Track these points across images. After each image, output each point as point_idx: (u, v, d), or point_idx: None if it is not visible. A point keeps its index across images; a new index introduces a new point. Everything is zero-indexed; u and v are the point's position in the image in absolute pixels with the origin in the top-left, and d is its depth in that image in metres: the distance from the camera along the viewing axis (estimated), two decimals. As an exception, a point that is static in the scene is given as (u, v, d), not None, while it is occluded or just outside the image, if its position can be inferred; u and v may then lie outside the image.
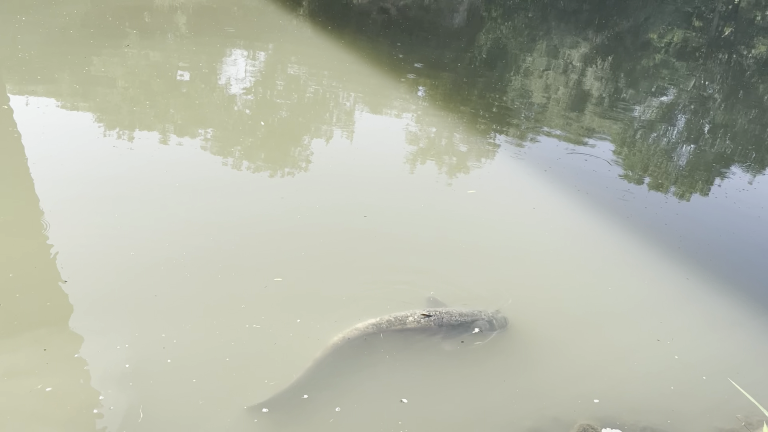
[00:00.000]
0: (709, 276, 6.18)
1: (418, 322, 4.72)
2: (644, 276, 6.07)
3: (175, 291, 4.78)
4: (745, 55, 18.36)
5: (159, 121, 7.58)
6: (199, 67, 9.59)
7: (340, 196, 6.30)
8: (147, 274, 4.90)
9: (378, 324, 4.63)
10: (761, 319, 5.58)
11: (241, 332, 4.46)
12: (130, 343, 4.25)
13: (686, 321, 5.53)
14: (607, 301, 5.57)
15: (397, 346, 4.58)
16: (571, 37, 15.97)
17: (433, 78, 10.45)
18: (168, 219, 5.60)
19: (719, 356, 5.09)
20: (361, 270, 5.29)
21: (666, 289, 5.95)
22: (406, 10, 15.45)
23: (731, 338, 5.34)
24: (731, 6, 23.28)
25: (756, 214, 7.39)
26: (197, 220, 5.63)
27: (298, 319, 4.63)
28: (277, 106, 8.75)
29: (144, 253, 5.11)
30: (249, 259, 5.21)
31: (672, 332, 5.30)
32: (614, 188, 7.38)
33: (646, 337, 5.26)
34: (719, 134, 10.18)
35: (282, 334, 4.49)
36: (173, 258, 5.09)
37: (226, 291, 4.84)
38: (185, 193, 6.04)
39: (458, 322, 4.83)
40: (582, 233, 6.47)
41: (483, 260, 5.70)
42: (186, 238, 5.38)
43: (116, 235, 5.28)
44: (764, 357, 5.13)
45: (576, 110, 10.16)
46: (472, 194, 6.73)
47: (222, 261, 5.15)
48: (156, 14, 12.39)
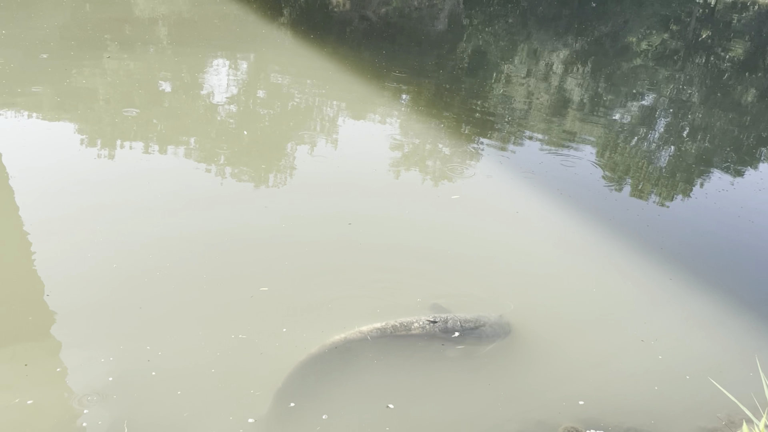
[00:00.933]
0: (692, 276, 6.24)
1: (423, 328, 4.72)
2: (628, 277, 6.12)
3: (160, 302, 4.75)
4: (723, 57, 18.65)
5: (141, 131, 7.54)
6: (181, 78, 9.57)
7: (325, 205, 6.30)
8: (131, 286, 4.86)
9: (383, 329, 4.64)
10: (742, 318, 5.65)
11: (226, 343, 4.43)
12: (114, 356, 4.20)
13: (670, 321, 5.58)
14: (591, 303, 5.61)
15: (392, 351, 4.58)
16: (551, 42, 16.14)
17: (416, 85, 10.50)
18: (151, 230, 5.56)
19: (702, 356, 5.15)
20: (347, 278, 5.29)
21: (650, 289, 6.00)
22: (387, 18, 15.53)
23: (713, 337, 5.40)
24: (707, 9, 23.64)
25: (736, 214, 7.48)
26: (181, 231, 5.60)
27: (284, 329, 4.62)
28: (260, 116, 8.75)
29: (128, 265, 5.07)
30: (234, 269, 5.19)
31: (656, 333, 5.35)
32: (596, 191, 7.45)
33: (631, 338, 5.30)
34: (699, 136, 10.32)
35: (268, 344, 4.47)
36: (157, 269, 5.05)
37: (212, 301, 4.81)
38: (168, 204, 6.01)
39: (463, 329, 4.84)
40: (565, 236, 6.52)
41: (466, 266, 5.72)
42: (170, 248, 5.35)
43: (99, 247, 5.24)
44: (746, 355, 5.19)
45: (557, 114, 10.25)
46: (456, 200, 6.76)
47: (207, 271, 5.12)
48: (136, 26, 12.35)
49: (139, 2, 13.54)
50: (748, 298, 5.94)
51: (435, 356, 4.66)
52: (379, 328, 4.66)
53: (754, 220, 7.37)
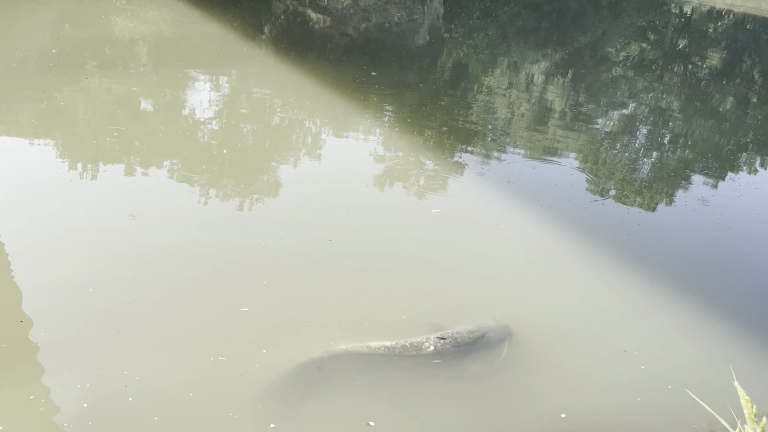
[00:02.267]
0: (673, 284, 6.26)
1: (435, 347, 4.69)
2: (610, 287, 6.14)
3: (138, 326, 4.68)
4: (700, 66, 18.89)
5: (119, 152, 7.47)
6: (161, 97, 9.52)
7: (305, 222, 6.26)
8: (108, 310, 4.79)
9: (391, 347, 4.60)
10: (722, 325, 5.66)
11: (205, 366, 4.37)
12: (90, 382, 4.13)
13: (652, 330, 5.59)
14: (573, 315, 5.61)
15: (378, 367, 4.57)
16: (531, 54, 16.27)
17: (397, 98, 10.52)
18: (128, 252, 5.50)
19: (684, 365, 5.15)
20: (328, 296, 5.25)
21: (632, 299, 6.01)
22: (368, 33, 15.60)
23: (695, 346, 5.41)
24: (684, 19, 23.99)
25: (715, 221, 7.54)
26: (159, 252, 5.54)
27: (264, 350, 4.57)
28: (241, 134, 8.71)
29: (105, 288, 5.01)
30: (214, 290, 5.14)
31: (638, 342, 5.35)
32: (576, 201, 7.48)
33: (613, 348, 5.29)
34: (678, 144, 10.41)
35: (248, 365, 4.41)
36: (135, 292, 4.99)
37: (191, 324, 4.75)
38: (146, 224, 5.95)
39: (472, 339, 4.84)
40: (545, 247, 6.53)
41: (447, 280, 5.70)
42: (148, 270, 5.29)
43: (75, 271, 5.18)
44: (726, 363, 5.19)
45: (538, 125, 10.31)
46: (436, 213, 6.75)
47: (186, 293, 5.06)
48: (116, 46, 12.30)
49: (119, 22, 13.51)
50: (727, 305, 5.97)
51: (476, 373, 4.69)
52: (388, 346, 4.61)
53: (733, 227, 7.43)
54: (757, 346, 5.45)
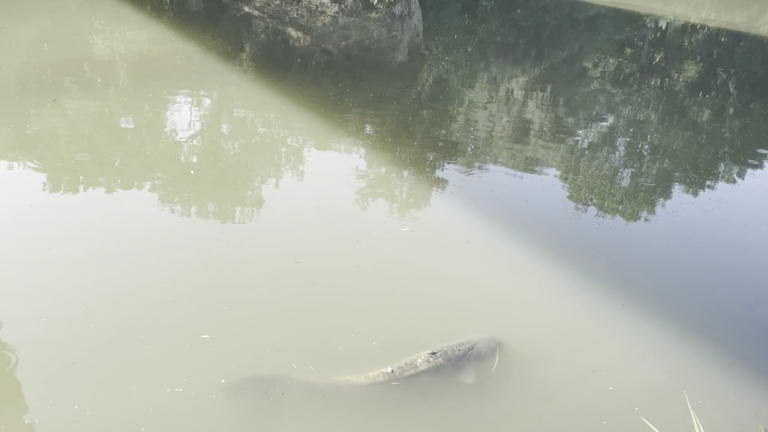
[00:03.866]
0: (643, 301, 6.14)
1: (428, 362, 4.64)
2: (579, 305, 5.99)
3: (93, 356, 4.48)
4: (676, 79, 18.94)
5: (80, 174, 7.27)
6: (136, 117, 9.33)
7: (272, 243, 6.07)
8: (61, 339, 4.59)
9: (390, 372, 4.54)
10: (692, 343, 5.53)
11: (160, 398, 4.18)
12: (39, 418, 3.93)
13: (621, 349, 5.45)
14: (542, 334, 5.46)
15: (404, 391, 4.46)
16: (509, 69, 16.22)
17: (376, 116, 10.38)
18: (83, 278, 5.28)
19: (652, 385, 5.00)
20: (293, 322, 5.06)
21: (602, 317, 5.88)
22: (348, 51, 15.49)
23: (663, 365, 5.27)
24: (659, 34, 24.10)
25: (684, 236, 7.43)
26: (117, 278, 5.32)
27: (222, 380, 4.37)
28: (214, 155, 8.53)
29: (57, 316, 4.80)
30: (175, 317, 4.94)
31: (607, 362, 5.21)
32: (547, 217, 7.34)
33: (581, 369, 5.15)
34: (651, 159, 10.34)
35: (205, 396, 4.22)
36: (91, 320, 4.79)
37: (149, 353, 4.56)
38: (104, 248, 5.71)
39: (462, 352, 4.78)
40: (515, 265, 6.38)
41: (414, 301, 5.54)
42: (104, 297, 5.08)
43: (28, 300, 4.96)
44: (695, 383, 5.06)
45: (515, 140, 10.20)
46: (406, 232, 6.59)
47: (145, 320, 4.87)
48: (96, 66, 12.10)
49: (98, 42, 13.33)
50: (696, 322, 5.84)
51: (472, 384, 4.66)
52: (386, 372, 4.55)
53: (702, 241, 7.32)
54: (727, 364, 5.31)
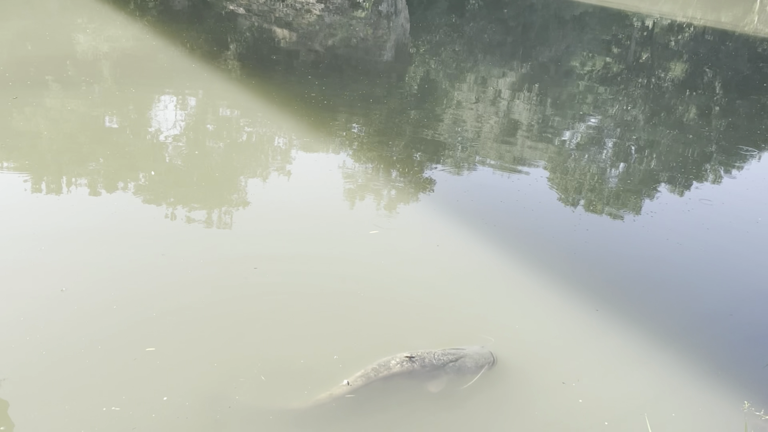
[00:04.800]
0: (618, 306, 5.79)
1: (402, 365, 4.41)
2: (552, 311, 5.64)
3: (26, 372, 4.10)
4: (663, 78, 18.57)
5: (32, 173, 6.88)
6: (114, 117, 8.93)
7: (231, 248, 5.67)
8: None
9: (365, 374, 4.32)
10: (666, 352, 5.18)
11: (95, 418, 3.81)
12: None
13: (593, 359, 5.09)
14: (513, 342, 5.09)
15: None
16: (497, 68, 15.83)
17: (360, 116, 9.99)
18: (20, 285, 4.88)
19: (622, 397, 4.65)
20: (246, 333, 4.69)
21: (575, 323, 5.52)
22: (334, 49, 15.08)
23: (636, 375, 4.92)
24: (646, 33, 23.72)
25: (664, 236, 7.07)
26: (56, 284, 4.88)
27: (165, 397, 4.00)
28: (191, 155, 8.13)
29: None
30: (119, 327, 4.56)
31: (578, 373, 4.86)
32: (522, 218, 6.97)
33: (551, 380, 4.79)
34: (633, 159, 9.97)
35: (143, 416, 3.86)
36: (27, 334, 4.39)
37: (87, 367, 4.18)
38: (44, 255, 5.31)
39: (442, 362, 4.52)
40: (486, 268, 6.01)
41: (378, 307, 5.17)
42: (41, 309, 4.66)
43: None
44: (668, 394, 4.71)
45: (496, 140, 9.83)
46: (375, 234, 6.21)
47: (87, 331, 4.48)
48: (79, 64, 11.69)
49: (81, 41, 12.91)
50: (671, 329, 5.49)
51: (436, 394, 4.37)
52: (360, 375, 4.33)
53: (682, 242, 6.96)
54: (703, 374, 4.96)
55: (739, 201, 8.36)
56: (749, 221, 7.73)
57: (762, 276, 6.59)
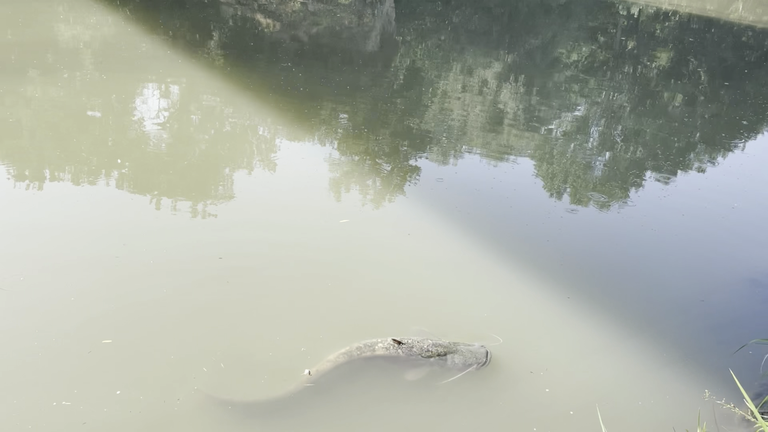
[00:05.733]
0: (590, 293, 5.65)
1: (387, 349, 4.36)
2: (524, 299, 5.49)
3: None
4: (649, 66, 18.38)
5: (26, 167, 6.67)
6: (96, 106, 8.69)
7: (196, 239, 5.48)
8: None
9: (348, 352, 4.28)
10: (635, 339, 5.05)
11: (44, 413, 3.65)
12: None
13: (562, 347, 4.95)
14: (479, 330, 4.94)
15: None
16: (483, 57, 15.61)
17: (342, 106, 9.77)
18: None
19: (589, 386, 4.52)
20: (209, 325, 4.51)
21: (546, 311, 5.38)
22: (318, 38, 14.82)
23: (604, 363, 4.79)
24: (632, 21, 23.49)
25: (639, 223, 6.93)
26: (10, 277, 4.72)
27: (118, 391, 3.84)
28: (166, 145, 7.91)
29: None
30: (76, 319, 4.38)
31: (546, 362, 4.72)
32: (495, 206, 6.81)
33: (519, 369, 4.65)
34: (610, 147, 9.81)
35: (94, 410, 3.69)
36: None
37: (40, 361, 4.01)
38: (4, 249, 5.12)
39: (429, 354, 4.41)
40: (457, 257, 5.86)
41: (345, 296, 5.01)
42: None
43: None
44: (634, 382, 4.58)
45: (476, 130, 9.65)
46: (345, 223, 6.04)
47: (42, 323, 4.31)
48: (60, 52, 11.41)
49: (62, 29, 12.61)
50: (642, 316, 5.36)
51: (410, 382, 4.26)
52: (344, 352, 4.28)
53: (657, 228, 6.83)
54: (671, 361, 4.83)
55: (717, 187, 8.22)
56: (725, 207, 7.60)
57: (735, 261, 6.46)
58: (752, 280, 5.99)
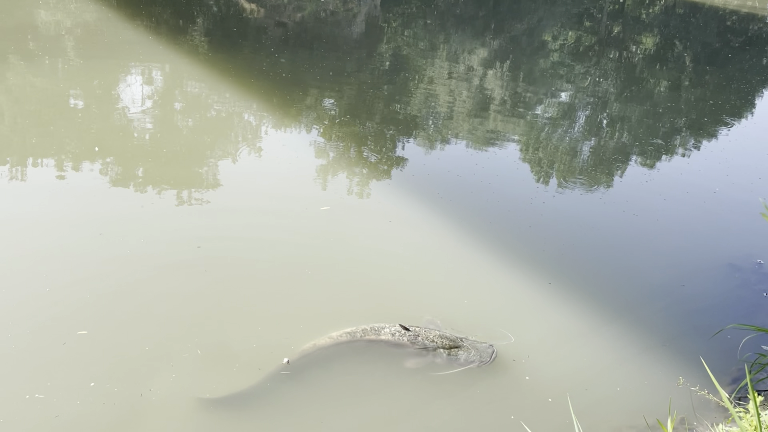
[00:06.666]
0: (571, 278, 5.63)
1: (393, 334, 4.36)
2: (506, 284, 5.46)
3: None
4: (634, 51, 18.31)
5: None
6: (80, 94, 8.50)
7: (175, 228, 5.38)
8: None
9: (353, 333, 4.32)
10: (616, 324, 5.04)
11: (17, 405, 3.57)
12: None
13: (543, 333, 4.92)
14: (463, 318, 4.90)
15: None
16: (469, 42, 15.47)
17: (329, 92, 9.63)
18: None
19: (568, 373, 4.50)
20: (184, 315, 4.43)
21: (527, 297, 5.35)
22: (303, 23, 14.60)
23: (583, 349, 4.77)
24: (617, 5, 23.37)
25: (620, 208, 6.90)
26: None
27: (92, 383, 3.77)
28: (149, 134, 7.76)
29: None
30: (50, 310, 4.29)
31: (528, 349, 4.69)
32: (477, 193, 6.74)
33: (502, 357, 4.61)
34: (593, 133, 9.77)
35: (67, 403, 3.62)
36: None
37: (14, 353, 3.93)
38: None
39: (434, 345, 4.39)
40: (439, 243, 5.80)
41: (326, 283, 4.94)
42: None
43: None
44: (613, 369, 4.57)
45: (459, 116, 9.57)
46: (325, 211, 5.96)
47: (17, 315, 4.21)
48: (40, 38, 11.15)
49: (43, 15, 12.32)
50: (622, 301, 5.35)
51: (410, 369, 4.25)
52: (348, 332, 4.31)
53: (638, 213, 6.81)
54: (649, 347, 4.82)
55: (699, 172, 8.21)
56: (707, 192, 7.59)
57: (717, 246, 6.46)
58: (731, 265, 5.99)
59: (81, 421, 3.53)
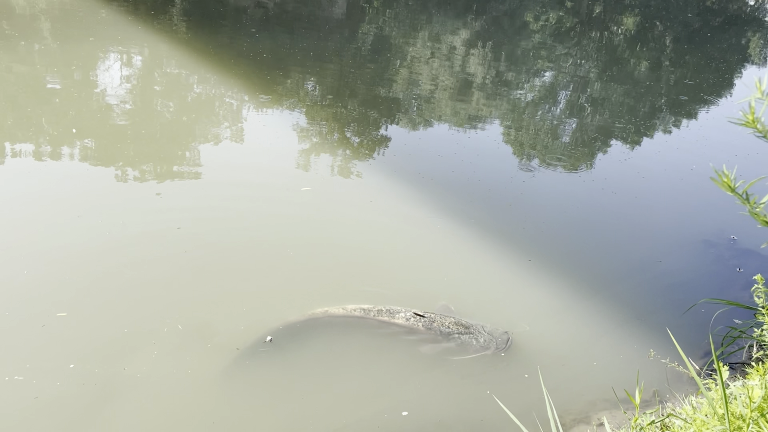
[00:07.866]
0: (550, 255, 5.69)
1: (408, 320, 4.42)
2: (483, 262, 5.50)
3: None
4: (615, 32, 18.33)
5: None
6: (57, 75, 8.34)
7: (154, 208, 5.33)
8: None
9: (367, 310, 4.40)
10: (593, 299, 5.10)
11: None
12: None
13: (520, 310, 4.98)
14: (439, 296, 4.94)
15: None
16: (451, 23, 15.38)
17: (309, 74, 9.54)
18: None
19: (543, 350, 4.55)
20: (166, 296, 4.41)
21: (506, 274, 5.39)
22: (284, 4, 14.40)
23: (561, 326, 4.83)
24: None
25: (599, 186, 6.96)
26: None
27: (71, 365, 3.75)
28: (126, 116, 7.65)
29: None
30: (29, 292, 4.25)
31: (506, 326, 4.73)
32: (458, 171, 6.76)
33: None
34: (573, 112, 9.80)
35: (47, 385, 3.60)
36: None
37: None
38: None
39: (449, 332, 4.43)
40: (421, 222, 5.81)
41: (302, 266, 4.94)
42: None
43: None
44: (589, 344, 4.63)
45: (439, 96, 9.54)
46: (306, 191, 5.94)
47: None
48: (16, 21, 10.88)
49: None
50: (600, 276, 5.42)
51: (424, 354, 4.27)
52: (364, 308, 4.44)
53: (617, 191, 6.87)
54: (624, 321, 4.90)
55: (677, 149, 8.29)
56: (684, 169, 7.67)
57: (693, 222, 6.55)
58: (706, 241, 6.09)
59: (61, 402, 3.51)
